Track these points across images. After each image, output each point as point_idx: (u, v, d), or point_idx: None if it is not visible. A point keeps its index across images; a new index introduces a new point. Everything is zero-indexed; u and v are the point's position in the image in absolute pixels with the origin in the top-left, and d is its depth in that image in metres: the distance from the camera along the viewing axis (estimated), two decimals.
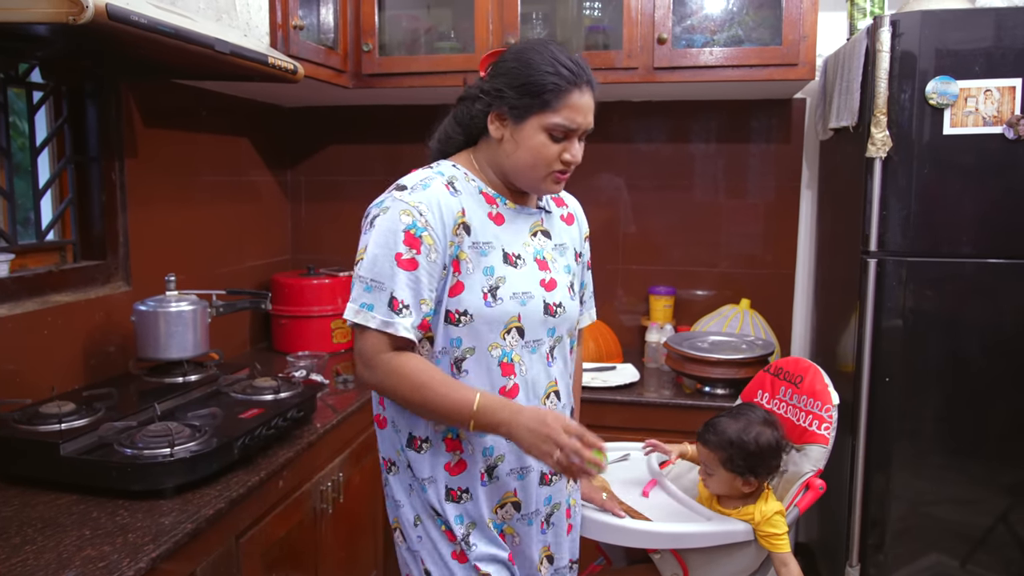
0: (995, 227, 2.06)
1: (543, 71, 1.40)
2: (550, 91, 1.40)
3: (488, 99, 1.45)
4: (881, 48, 2.05)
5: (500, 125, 1.45)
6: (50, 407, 1.74)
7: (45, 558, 1.33)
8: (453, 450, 1.49)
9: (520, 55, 1.43)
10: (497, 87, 1.43)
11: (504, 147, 1.46)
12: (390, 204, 1.41)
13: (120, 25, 1.44)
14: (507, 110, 1.43)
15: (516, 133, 1.44)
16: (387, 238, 1.38)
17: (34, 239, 2.12)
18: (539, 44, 1.45)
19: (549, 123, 1.41)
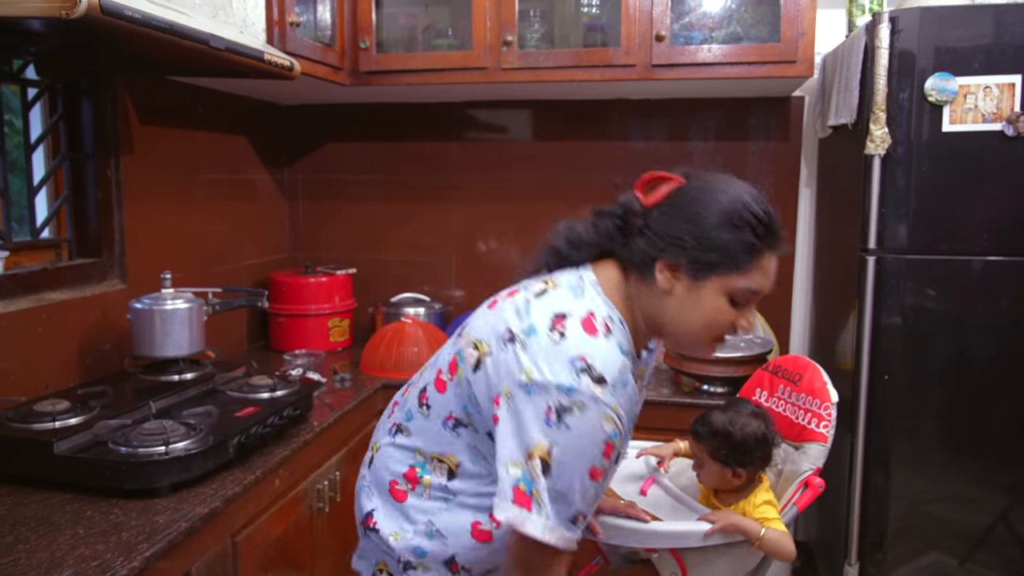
0: (994, 224, 2.05)
1: (737, 226, 1.19)
2: (744, 253, 1.20)
3: (660, 243, 1.22)
4: (880, 45, 2.04)
5: (671, 277, 1.22)
6: (44, 405, 1.73)
7: (38, 557, 1.32)
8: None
9: (708, 199, 1.21)
10: (676, 234, 1.20)
11: (670, 302, 1.24)
12: (589, 404, 1.14)
13: (114, 20, 1.43)
14: (685, 264, 1.20)
15: (691, 291, 1.22)
16: (586, 448, 1.15)
17: (29, 236, 2.11)
18: (729, 186, 1.24)
19: (735, 287, 1.21)
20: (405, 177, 3.17)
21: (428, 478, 1.36)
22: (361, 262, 3.15)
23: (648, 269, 1.24)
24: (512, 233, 3.10)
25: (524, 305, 1.25)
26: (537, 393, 1.15)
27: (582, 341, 1.18)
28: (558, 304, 1.23)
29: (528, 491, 1.16)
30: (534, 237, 3.12)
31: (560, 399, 1.14)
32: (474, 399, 1.27)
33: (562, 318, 1.20)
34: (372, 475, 1.45)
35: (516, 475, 1.16)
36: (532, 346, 1.18)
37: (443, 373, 1.35)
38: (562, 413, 1.14)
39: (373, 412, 2.48)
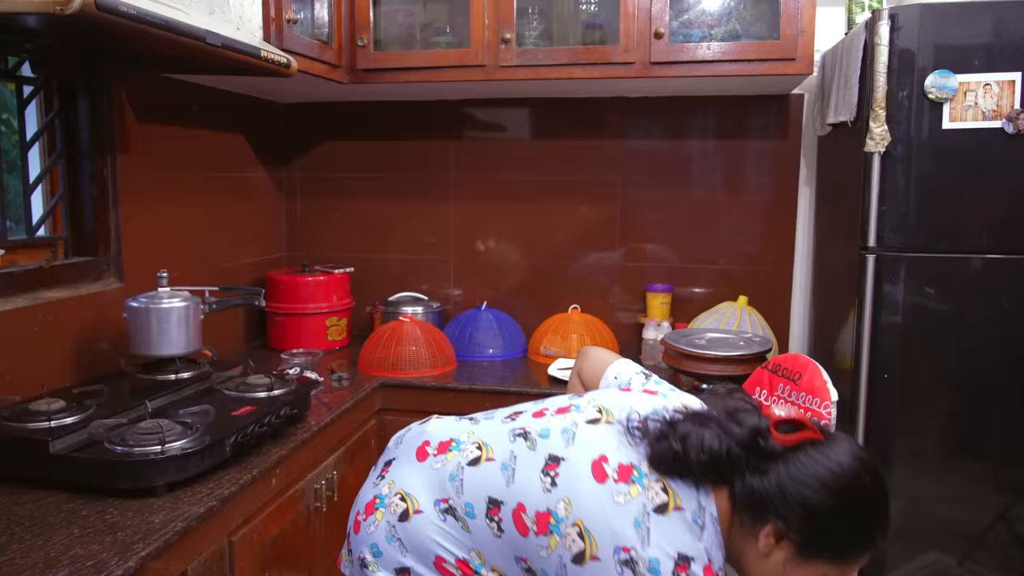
0: (994, 222, 2.05)
1: (863, 532, 1.18)
2: (857, 553, 1.19)
3: (780, 507, 1.16)
4: (879, 42, 2.03)
5: (775, 544, 1.19)
6: (40, 404, 1.72)
7: (33, 557, 1.31)
8: None
9: (837, 486, 1.16)
10: (799, 506, 1.15)
11: (766, 565, 1.21)
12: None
13: (109, 16, 1.42)
14: (796, 542, 1.17)
15: (791, 566, 1.19)
16: None
17: (24, 235, 2.10)
18: (857, 477, 1.18)
19: (830, 573, 1.20)
20: (403, 175, 3.16)
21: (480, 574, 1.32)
22: (359, 261, 3.14)
23: (756, 521, 1.19)
24: (510, 232, 3.10)
25: (644, 520, 1.17)
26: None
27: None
28: (681, 542, 1.16)
29: None
30: (532, 236, 3.12)
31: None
32: (547, 566, 1.23)
33: (687, 565, 1.15)
34: (408, 534, 1.35)
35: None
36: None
37: (527, 514, 1.26)
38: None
39: (371, 411, 2.47)
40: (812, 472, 1.16)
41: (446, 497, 1.34)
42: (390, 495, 1.40)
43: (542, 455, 1.29)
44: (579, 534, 1.19)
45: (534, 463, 1.29)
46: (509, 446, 1.34)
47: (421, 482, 1.38)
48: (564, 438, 1.30)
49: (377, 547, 1.37)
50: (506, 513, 1.28)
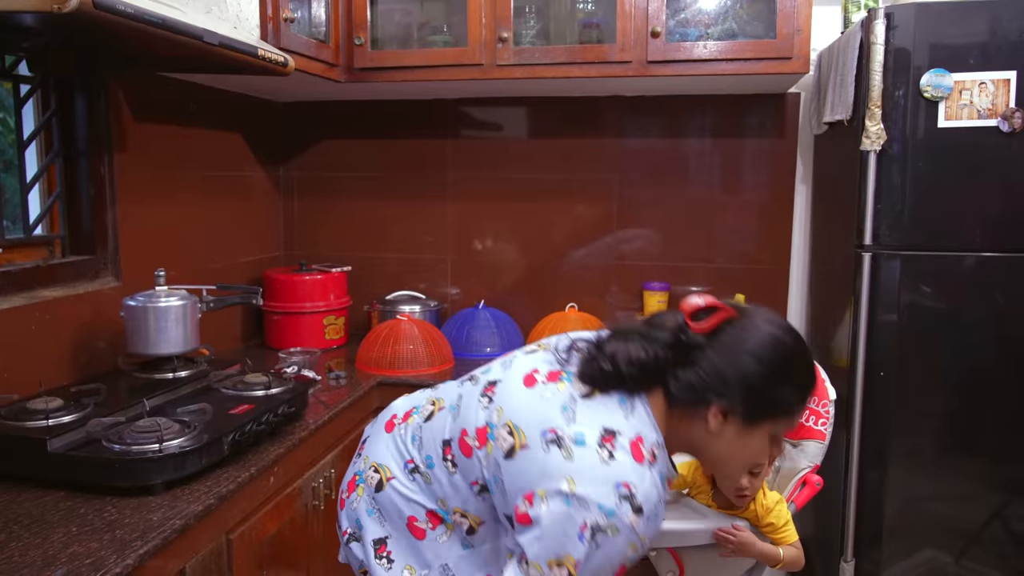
0: (990, 220, 2.05)
1: (796, 382, 1.27)
2: (798, 404, 1.28)
3: (719, 387, 1.22)
4: (875, 41, 2.04)
5: (724, 422, 1.24)
6: (37, 403, 1.72)
7: (31, 555, 1.31)
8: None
9: (769, 346, 1.23)
10: (735, 380, 1.21)
11: (717, 443, 1.27)
12: (622, 530, 1.15)
13: (106, 15, 1.42)
14: (741, 412, 1.23)
15: (741, 435, 1.26)
16: (606, 567, 1.17)
17: (22, 234, 2.10)
18: (785, 333, 1.26)
19: (780, 430, 1.29)
20: (400, 174, 3.16)
21: (450, 524, 1.36)
22: (356, 260, 3.14)
23: (698, 407, 1.24)
24: (507, 231, 3.10)
25: (571, 404, 1.22)
26: (577, 507, 1.14)
27: (629, 468, 1.16)
28: (608, 418, 1.20)
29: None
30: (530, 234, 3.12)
31: (598, 519, 1.13)
32: (500, 482, 1.24)
33: (612, 436, 1.18)
34: (383, 503, 1.41)
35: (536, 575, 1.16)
36: (579, 459, 1.16)
37: (469, 435, 1.31)
38: (596, 532, 1.14)
39: (369, 409, 2.47)
40: (739, 348, 1.22)
41: (411, 458, 1.41)
42: (366, 470, 1.46)
43: (482, 385, 1.36)
44: (509, 432, 1.23)
45: (475, 393, 1.35)
46: (457, 391, 1.42)
47: (390, 452, 1.45)
48: (502, 366, 1.37)
49: (359, 521, 1.43)
50: (455, 447, 1.33)
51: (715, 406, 1.23)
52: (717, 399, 1.22)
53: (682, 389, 1.23)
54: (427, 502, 1.37)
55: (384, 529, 1.41)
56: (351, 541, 1.45)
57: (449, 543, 1.36)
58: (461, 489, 1.33)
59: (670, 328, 1.26)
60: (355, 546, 1.44)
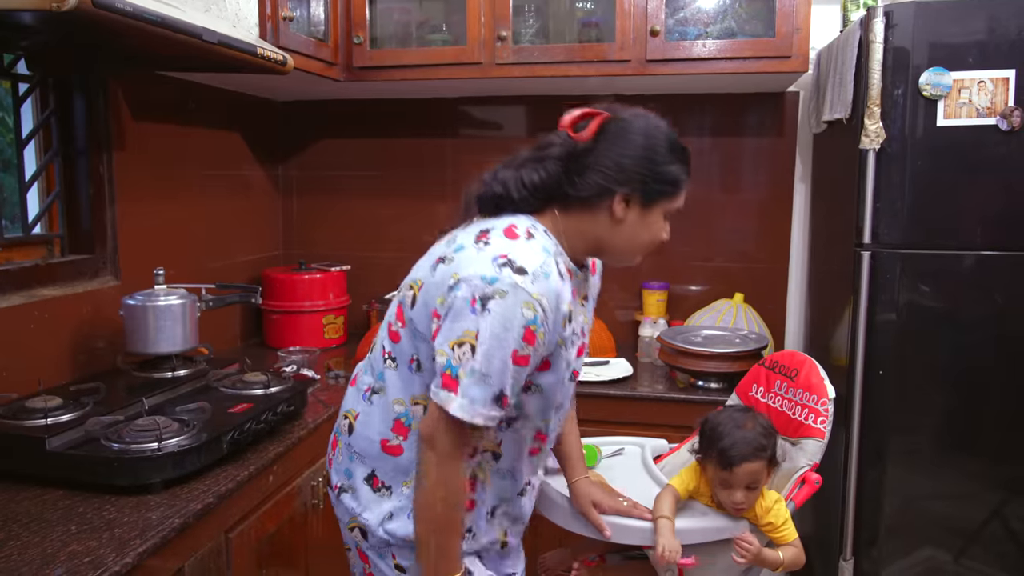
0: (989, 219, 2.05)
1: (677, 157, 1.40)
2: (682, 178, 1.41)
3: (618, 176, 1.35)
4: (874, 39, 2.03)
5: (626, 208, 1.37)
6: (36, 402, 1.73)
7: (30, 554, 1.31)
8: (470, 491, 1.45)
9: (651, 133, 1.37)
10: (630, 167, 1.35)
11: (621, 229, 1.39)
12: (509, 291, 1.25)
13: (105, 13, 1.42)
14: (641, 195, 1.37)
15: (642, 217, 1.39)
16: (506, 330, 1.25)
17: (20, 233, 2.10)
18: (656, 120, 1.40)
19: (671, 208, 1.42)
20: (399, 173, 3.16)
21: (415, 423, 1.42)
22: (355, 259, 3.14)
23: (599, 202, 1.37)
24: None
25: (451, 237, 1.40)
26: (462, 287, 1.27)
27: (503, 244, 1.31)
28: (484, 225, 1.37)
29: (454, 375, 1.26)
30: None
31: (484, 288, 1.26)
32: (419, 333, 1.37)
33: (486, 232, 1.34)
34: (357, 442, 1.49)
35: (442, 362, 1.27)
36: (458, 258, 1.32)
37: (393, 324, 1.44)
38: (485, 301, 1.25)
39: None
40: (626, 140, 1.36)
41: (367, 386, 1.50)
42: (339, 421, 1.56)
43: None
44: (410, 287, 1.41)
45: (392, 304, 1.49)
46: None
47: (353, 396, 1.55)
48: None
49: (347, 470, 1.51)
50: (388, 344, 1.46)
51: (618, 195, 1.36)
52: (620, 188, 1.35)
53: (585, 189, 1.36)
54: (388, 415, 1.45)
55: (367, 465, 1.47)
56: (342, 493, 1.51)
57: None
58: (404, 375, 1.42)
59: (558, 145, 1.39)
60: (346, 497, 1.50)
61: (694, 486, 1.70)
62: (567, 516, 1.72)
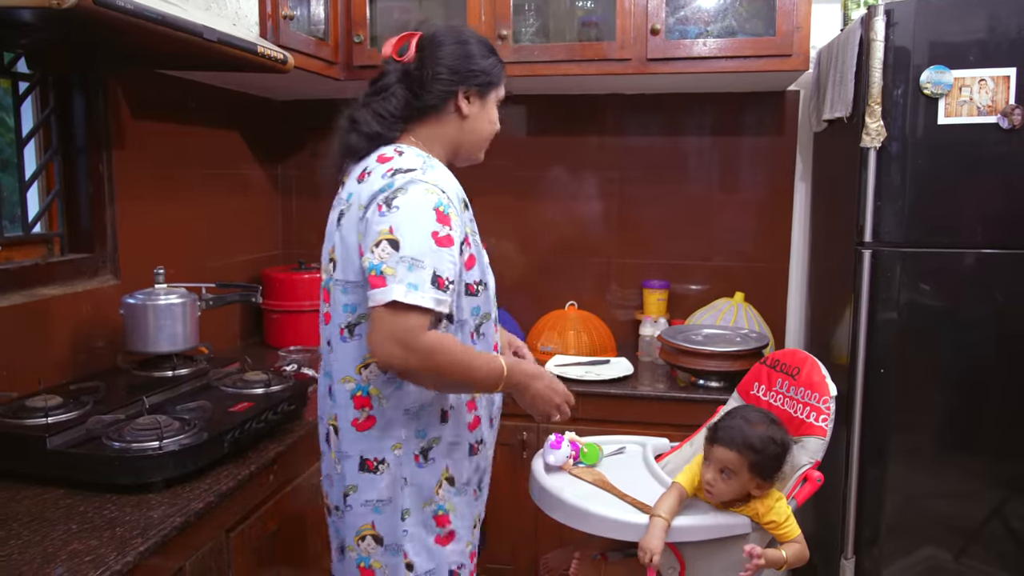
0: (990, 217, 2.05)
1: (493, 52, 1.62)
2: (502, 68, 1.63)
3: (456, 78, 1.55)
4: (875, 38, 2.03)
5: (468, 103, 1.58)
6: (36, 401, 1.72)
7: (30, 552, 1.31)
8: (472, 409, 1.62)
9: (466, 38, 1.58)
10: (463, 68, 1.55)
11: (470, 123, 1.60)
12: (405, 185, 1.41)
13: (105, 10, 1.42)
14: (477, 88, 1.58)
15: (482, 109, 1.60)
16: (419, 217, 1.38)
17: (20, 232, 2.09)
18: (463, 30, 1.62)
19: (500, 96, 1.65)
20: None
21: (371, 386, 1.54)
22: None
23: (446, 105, 1.56)
24: (507, 229, 3.09)
25: (339, 196, 1.64)
26: (367, 208, 1.43)
27: (382, 166, 1.48)
28: (357, 168, 1.56)
29: (379, 272, 1.37)
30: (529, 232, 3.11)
31: (384, 195, 1.41)
32: (349, 285, 1.52)
33: (363, 172, 1.51)
34: (343, 440, 1.58)
35: (367, 266, 1.39)
36: (354, 197, 1.51)
37: (323, 309, 1.68)
38: (390, 201, 1.40)
39: None
40: (448, 49, 1.55)
41: (327, 384, 1.63)
42: (323, 435, 1.69)
43: None
44: (330, 259, 1.63)
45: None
46: None
47: (324, 403, 1.67)
48: None
49: (341, 475, 1.59)
50: (324, 333, 1.68)
51: (460, 92, 1.56)
52: (459, 87, 1.55)
53: (432, 98, 1.55)
54: (345, 398, 1.55)
55: (354, 455, 1.56)
56: (348, 498, 1.57)
57: (387, 400, 1.53)
58: (340, 351, 1.56)
59: (392, 72, 1.57)
60: (352, 500, 1.56)
61: (695, 484, 1.71)
62: (567, 513, 1.72)
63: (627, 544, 1.87)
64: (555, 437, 1.86)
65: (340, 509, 1.61)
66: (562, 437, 1.86)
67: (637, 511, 1.67)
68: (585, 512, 1.68)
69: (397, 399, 1.53)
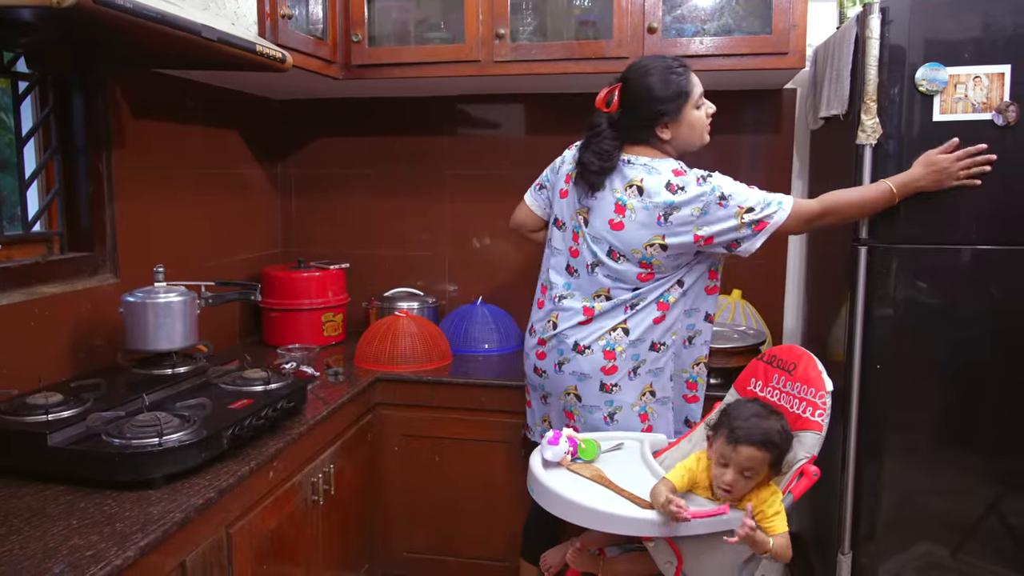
0: (985, 214, 2.06)
1: (675, 77, 2.01)
2: (686, 85, 2.02)
3: (649, 121, 2.02)
4: (871, 35, 2.04)
5: (667, 129, 2.03)
6: (37, 398, 1.73)
7: (31, 548, 1.32)
8: None
9: (650, 79, 2.00)
10: (651, 108, 2.00)
11: (676, 139, 2.06)
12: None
13: (105, 9, 1.43)
14: (670, 116, 2.01)
15: (682, 123, 2.04)
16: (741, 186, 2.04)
17: (20, 231, 2.10)
18: (651, 61, 2.05)
19: (695, 101, 2.04)
20: (398, 172, 3.17)
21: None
22: (354, 257, 3.15)
23: (651, 137, 2.04)
24: (505, 227, 3.08)
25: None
26: (715, 196, 2.02)
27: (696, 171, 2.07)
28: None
29: (760, 208, 2.03)
30: None
31: (705, 193, 2.02)
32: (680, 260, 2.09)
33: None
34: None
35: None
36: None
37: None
38: (716, 191, 2.02)
39: (367, 405, 2.48)
40: (644, 91, 2.00)
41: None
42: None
43: None
44: (647, 246, 2.04)
45: None
46: None
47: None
48: None
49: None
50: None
51: (657, 128, 2.02)
52: (655, 123, 2.01)
53: (637, 137, 2.04)
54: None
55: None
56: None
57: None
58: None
59: (604, 121, 2.06)
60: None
61: (691, 479, 1.71)
62: (565, 509, 1.73)
63: (625, 539, 1.89)
64: (553, 433, 1.87)
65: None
66: (560, 433, 1.87)
67: (635, 506, 1.68)
68: (583, 507, 1.69)
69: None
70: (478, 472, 2.55)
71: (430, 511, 2.61)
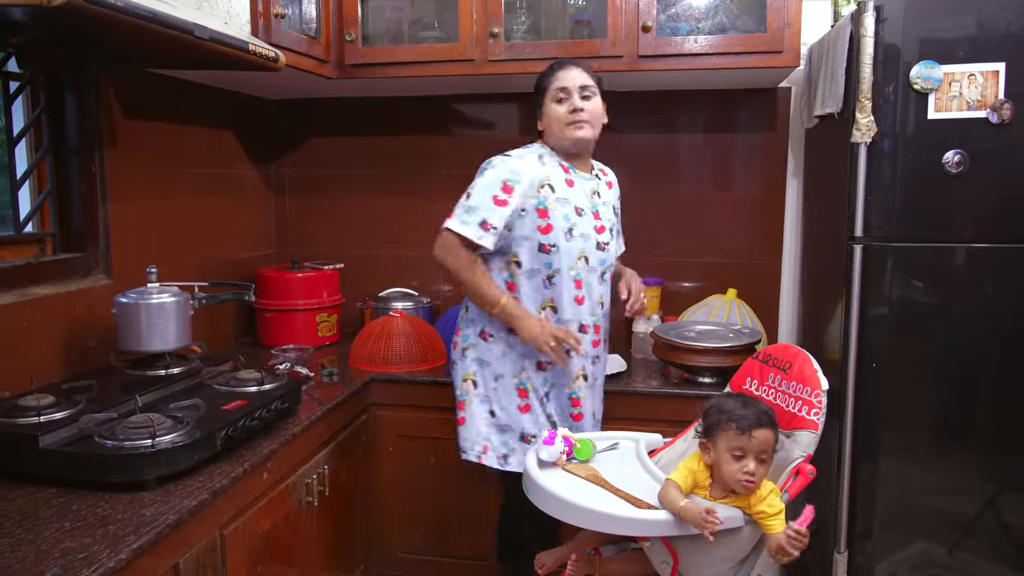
0: (980, 212, 2.06)
1: (545, 74, 2.13)
2: (547, 82, 2.11)
3: (536, 113, 2.17)
4: (865, 34, 2.04)
5: (539, 118, 2.15)
6: (29, 400, 1.72)
7: (23, 551, 1.30)
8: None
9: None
10: (537, 100, 2.16)
11: (549, 129, 2.12)
12: (495, 163, 2.09)
13: (96, 8, 1.42)
14: (539, 108, 2.14)
15: (547, 113, 2.11)
16: (490, 183, 2.04)
17: (12, 231, 2.09)
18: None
19: (557, 95, 2.08)
20: (392, 172, 3.16)
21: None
22: (348, 257, 3.14)
23: (540, 128, 2.16)
24: None
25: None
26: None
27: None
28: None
29: (453, 210, 2.04)
30: None
31: (481, 167, 2.09)
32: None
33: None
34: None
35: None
36: None
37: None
38: (481, 172, 2.08)
39: (362, 406, 2.47)
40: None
41: None
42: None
43: None
44: None
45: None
46: None
47: None
48: None
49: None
50: None
51: (538, 119, 2.19)
52: (537, 112, 2.18)
53: (538, 126, 2.19)
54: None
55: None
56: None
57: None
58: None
59: None
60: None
61: (693, 479, 1.71)
62: (561, 509, 1.72)
63: (621, 538, 1.88)
64: (548, 433, 1.87)
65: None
66: (555, 433, 1.87)
67: (631, 506, 1.68)
68: (579, 507, 1.69)
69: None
70: (472, 473, 2.54)
71: (425, 512, 2.60)
